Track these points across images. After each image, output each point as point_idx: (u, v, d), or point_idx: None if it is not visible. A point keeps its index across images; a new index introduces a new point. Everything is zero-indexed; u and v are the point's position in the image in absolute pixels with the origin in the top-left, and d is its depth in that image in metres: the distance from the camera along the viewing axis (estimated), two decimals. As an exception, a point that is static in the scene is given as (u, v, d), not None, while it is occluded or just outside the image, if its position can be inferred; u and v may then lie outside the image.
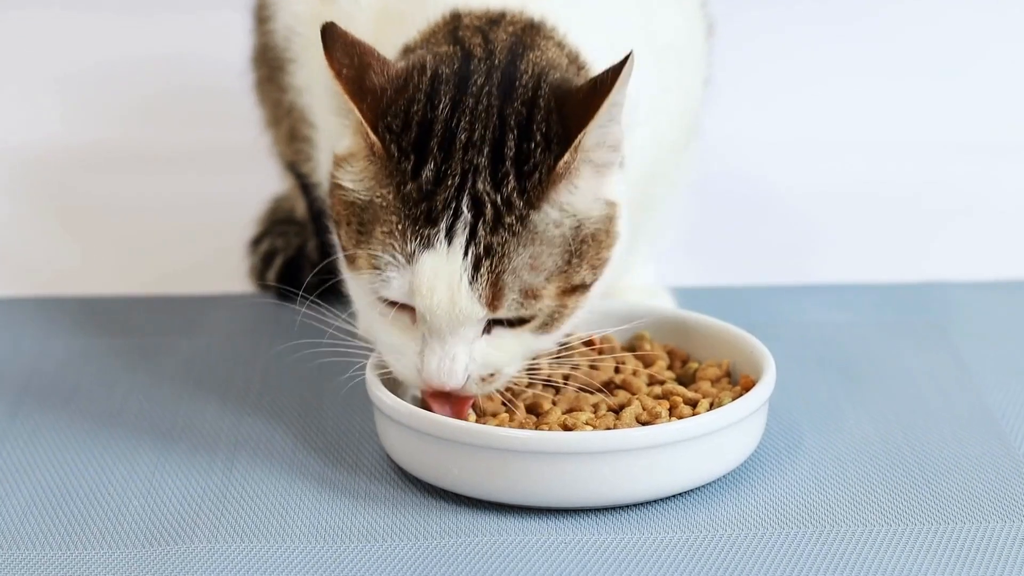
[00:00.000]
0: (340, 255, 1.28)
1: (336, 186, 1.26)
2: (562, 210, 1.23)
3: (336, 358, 1.40)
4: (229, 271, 1.71)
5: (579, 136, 1.21)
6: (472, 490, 1.28)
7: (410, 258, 1.22)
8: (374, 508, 1.28)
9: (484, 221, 1.21)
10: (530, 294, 1.23)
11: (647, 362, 1.40)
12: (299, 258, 1.67)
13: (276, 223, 1.74)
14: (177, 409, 1.44)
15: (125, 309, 1.65)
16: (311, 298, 1.65)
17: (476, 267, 1.21)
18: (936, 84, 2.13)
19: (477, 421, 1.29)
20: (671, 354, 1.42)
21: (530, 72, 1.26)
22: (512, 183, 1.22)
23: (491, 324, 1.25)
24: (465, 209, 1.21)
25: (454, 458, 1.27)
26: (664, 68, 1.36)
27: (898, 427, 1.40)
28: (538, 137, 1.23)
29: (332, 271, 1.66)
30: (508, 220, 1.22)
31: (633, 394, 1.35)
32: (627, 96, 1.21)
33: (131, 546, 1.24)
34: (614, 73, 1.20)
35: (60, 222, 1.88)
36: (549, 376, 1.37)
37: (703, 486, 1.30)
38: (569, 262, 1.24)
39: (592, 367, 1.38)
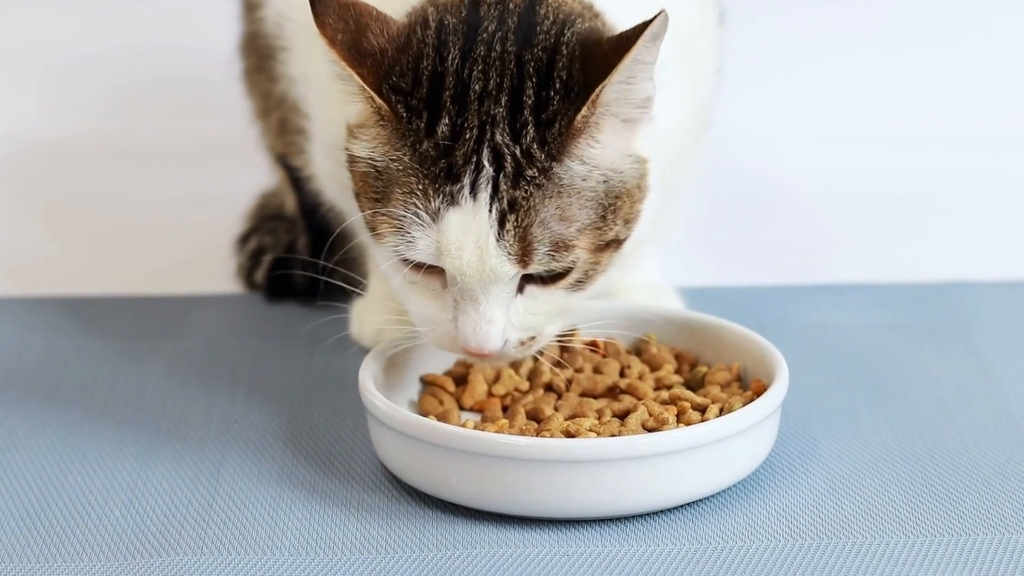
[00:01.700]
0: (366, 231, 1.28)
1: (351, 158, 1.26)
2: (586, 164, 1.23)
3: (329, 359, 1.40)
4: (215, 270, 1.71)
5: (597, 90, 1.21)
6: (470, 500, 1.27)
7: (435, 216, 1.22)
8: (367, 519, 1.28)
9: (505, 174, 1.21)
10: (561, 246, 1.23)
11: (654, 366, 1.40)
12: (289, 256, 1.67)
13: (265, 219, 1.74)
14: (161, 414, 1.44)
15: (106, 310, 1.65)
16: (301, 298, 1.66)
17: (502, 222, 1.22)
18: (957, 77, 2.13)
19: (476, 427, 1.29)
20: (679, 357, 1.42)
21: (552, 18, 1.26)
22: (532, 133, 1.22)
23: (524, 283, 1.25)
24: (486, 163, 1.21)
25: (451, 466, 1.26)
26: (676, 55, 1.36)
27: (917, 434, 1.40)
28: (557, 85, 1.23)
29: (323, 270, 1.67)
30: (530, 172, 1.22)
31: (639, 399, 1.34)
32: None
33: (112, 558, 1.24)
34: (642, 27, 1.20)
35: (38, 218, 1.88)
36: (552, 378, 1.37)
37: (712, 496, 1.30)
38: (603, 217, 1.24)
39: (596, 371, 1.38)
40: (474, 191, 1.22)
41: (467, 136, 1.22)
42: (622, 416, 1.32)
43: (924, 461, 1.35)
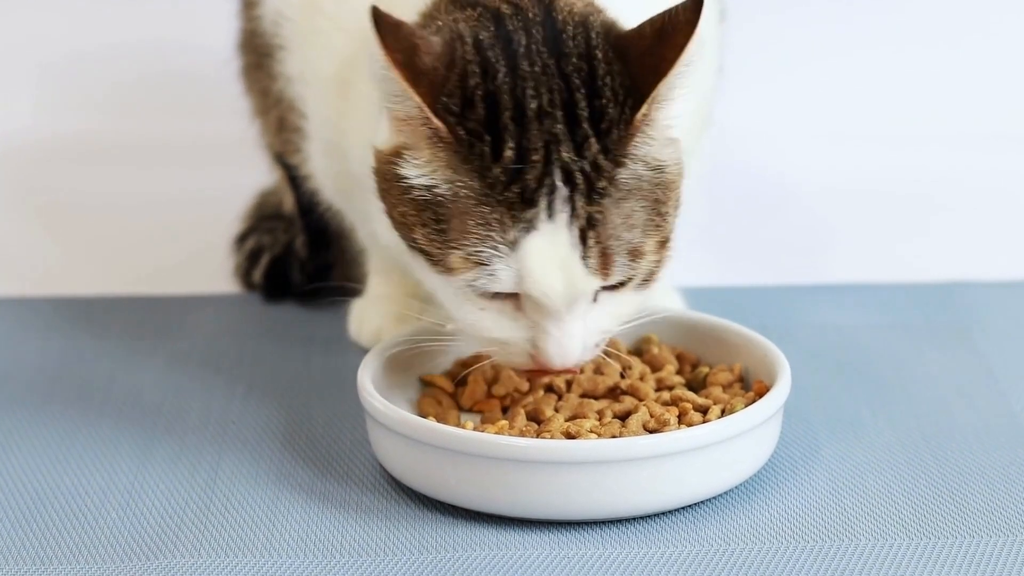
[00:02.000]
0: (417, 257, 1.26)
1: (395, 185, 1.24)
2: (643, 161, 1.24)
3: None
4: (213, 270, 1.71)
5: (657, 86, 1.22)
6: (470, 502, 1.27)
7: (513, 244, 1.21)
8: (366, 521, 1.28)
9: (579, 191, 1.21)
10: (635, 253, 1.23)
11: (655, 366, 1.40)
12: (287, 256, 1.67)
13: (263, 219, 1.74)
14: (158, 415, 1.44)
15: (103, 310, 1.64)
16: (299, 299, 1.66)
17: (583, 239, 1.21)
18: (960, 75, 2.13)
19: (476, 429, 1.29)
20: (680, 358, 1.42)
21: (571, 23, 1.25)
22: (595, 145, 1.22)
23: (597, 291, 1.25)
24: (559, 183, 1.21)
25: (451, 468, 1.26)
26: None
27: (920, 435, 1.40)
28: (607, 92, 1.23)
29: (321, 270, 1.67)
30: (601, 184, 1.22)
31: (640, 400, 1.34)
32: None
33: (109, 560, 1.24)
34: (690, 18, 1.21)
35: (33, 218, 1.88)
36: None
37: (714, 498, 1.30)
38: (659, 213, 1.24)
39: (597, 371, 1.38)
40: (551, 213, 1.21)
41: (534, 158, 1.21)
42: (623, 417, 1.32)
43: (927, 462, 1.35)
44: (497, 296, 1.24)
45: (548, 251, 1.21)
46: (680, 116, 1.26)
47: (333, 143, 1.42)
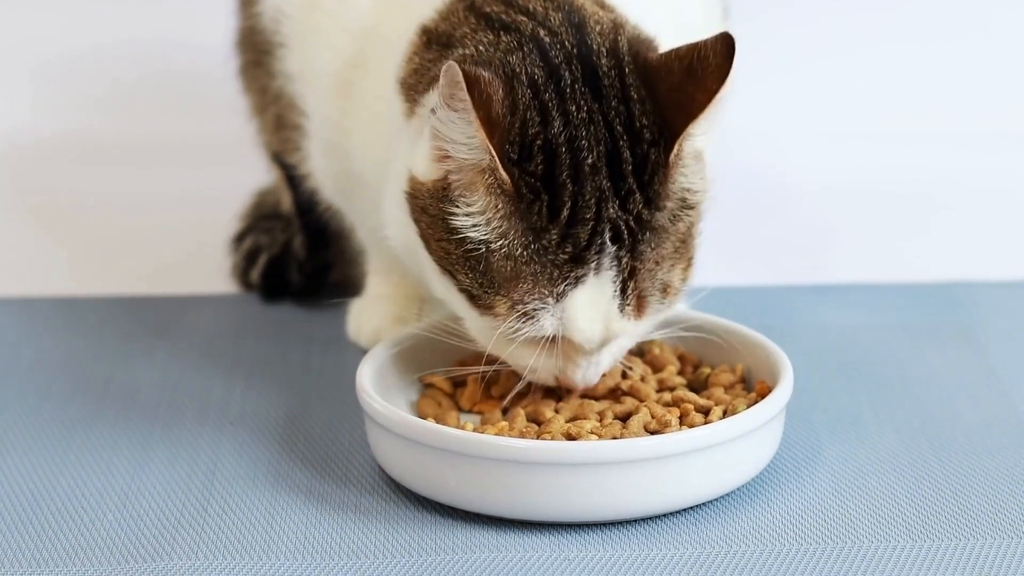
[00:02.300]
0: (455, 294, 1.27)
1: (439, 221, 1.24)
2: (678, 197, 1.25)
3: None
4: (210, 270, 1.71)
5: (687, 128, 1.23)
6: (469, 504, 1.27)
7: (559, 297, 1.24)
8: (365, 523, 1.28)
9: (624, 247, 1.24)
10: (667, 289, 1.27)
11: (656, 367, 1.40)
12: (285, 256, 1.67)
13: (260, 219, 1.73)
14: (155, 416, 1.44)
15: (99, 310, 1.64)
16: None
17: (624, 290, 1.25)
18: (964, 74, 2.13)
19: (476, 430, 1.29)
20: (681, 358, 1.42)
21: (604, 50, 1.25)
22: (639, 199, 1.24)
23: None
24: (608, 241, 1.23)
25: (450, 469, 1.26)
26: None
27: (923, 436, 1.39)
28: (646, 135, 1.24)
29: (320, 270, 1.66)
30: (642, 235, 1.24)
31: (641, 401, 1.34)
32: None
33: (105, 563, 1.24)
34: (721, 64, 1.21)
35: (29, 218, 1.88)
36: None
37: (716, 499, 1.29)
38: (685, 241, 1.27)
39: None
40: (598, 270, 1.23)
41: (587, 216, 1.23)
42: (624, 418, 1.32)
43: (931, 463, 1.35)
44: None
45: (593, 302, 1.24)
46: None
47: (334, 142, 1.42)
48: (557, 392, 1.37)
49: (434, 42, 1.29)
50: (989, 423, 1.41)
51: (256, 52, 1.54)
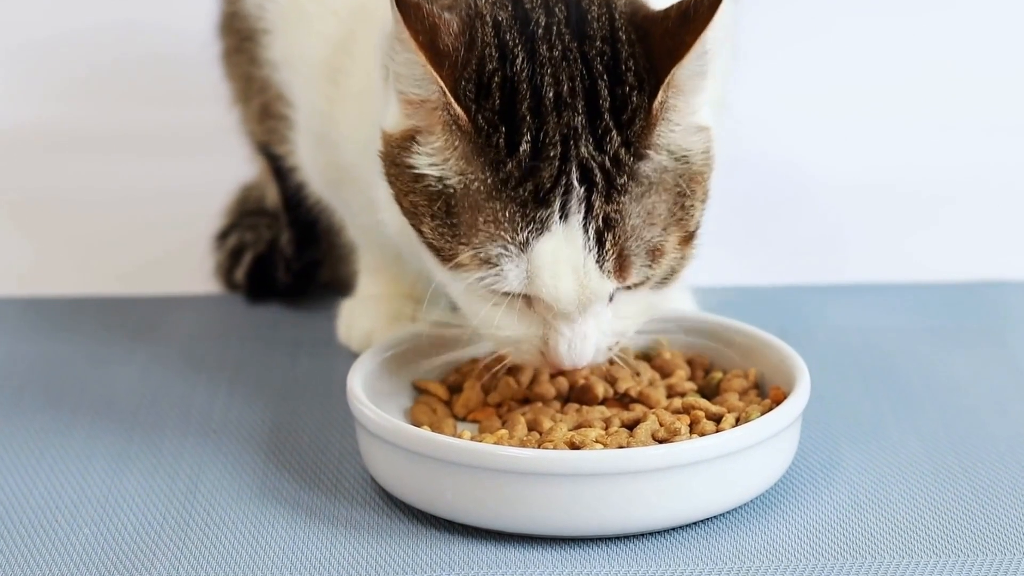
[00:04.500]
0: (426, 251, 1.27)
1: (405, 172, 1.25)
2: (667, 151, 1.25)
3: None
4: (192, 269, 1.71)
5: (672, 71, 1.22)
6: (467, 517, 1.28)
7: (524, 246, 1.22)
8: (356, 537, 1.28)
9: (598, 190, 1.22)
10: (656, 252, 1.24)
11: (665, 372, 1.40)
12: (271, 254, 1.68)
13: (245, 214, 1.74)
14: (134, 424, 1.44)
15: (74, 311, 1.65)
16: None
17: (599, 241, 1.22)
18: (990, 66, 2.13)
19: (473, 438, 1.30)
20: (691, 363, 1.42)
21: (598, 2, 1.26)
22: (616, 138, 1.23)
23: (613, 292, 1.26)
24: (575, 182, 1.22)
25: (447, 480, 1.27)
26: None
27: (948, 444, 1.40)
28: (630, 78, 1.24)
29: (308, 268, 1.67)
30: (620, 181, 1.22)
31: (649, 408, 1.35)
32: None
33: (82, 580, 1.25)
34: (712, 3, 1.21)
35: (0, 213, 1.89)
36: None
37: (728, 512, 1.30)
38: (683, 206, 1.25)
39: (605, 378, 1.38)
40: (565, 214, 1.22)
41: (551, 153, 1.22)
42: (631, 426, 1.33)
43: (955, 474, 1.36)
44: (508, 293, 1.25)
45: (560, 254, 1.22)
46: (706, 103, 1.27)
47: (322, 133, 1.43)
48: (559, 393, 1.37)
49: None
50: (1018, 431, 1.42)
51: (239, 38, 1.55)
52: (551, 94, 1.23)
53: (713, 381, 1.39)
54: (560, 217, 1.22)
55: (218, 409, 1.47)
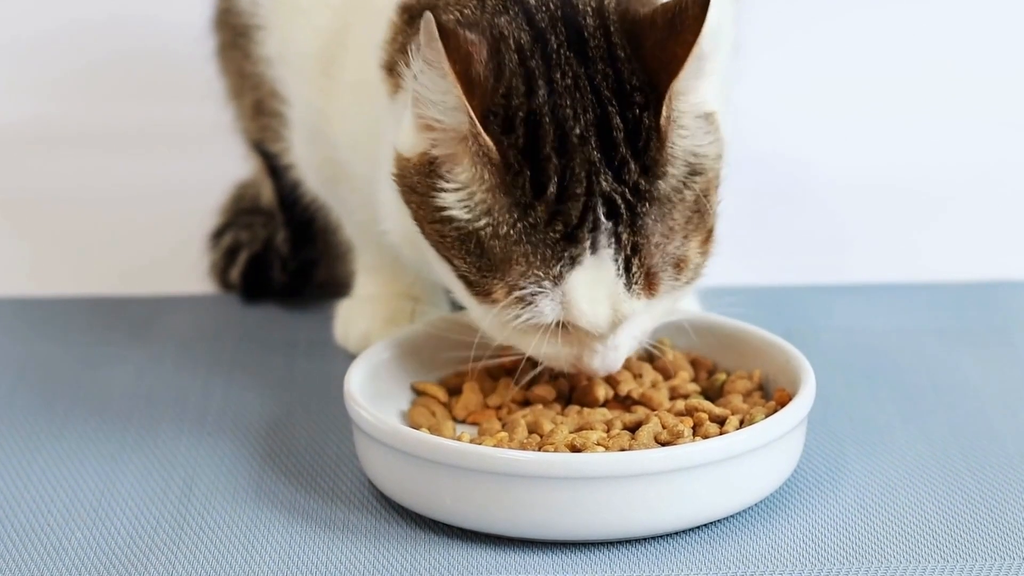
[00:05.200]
0: (456, 281, 1.28)
1: (428, 200, 1.26)
2: (681, 162, 1.26)
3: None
4: (186, 269, 1.72)
5: (671, 86, 1.23)
6: (466, 521, 1.28)
7: (557, 280, 1.25)
8: (353, 542, 1.28)
9: (623, 221, 1.24)
10: (680, 264, 1.27)
11: (668, 373, 1.40)
12: (267, 253, 1.68)
13: (240, 213, 1.74)
14: (127, 427, 1.44)
15: (66, 312, 1.65)
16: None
17: (628, 268, 1.25)
18: (998, 61, 2.13)
19: (473, 441, 1.30)
20: (695, 364, 1.42)
21: (591, 12, 1.27)
22: (633, 167, 1.24)
23: None
24: (603, 217, 1.24)
25: (446, 484, 1.27)
26: None
27: (956, 447, 1.40)
28: (637, 98, 1.25)
29: (304, 268, 1.67)
30: (642, 207, 1.24)
31: (652, 410, 1.35)
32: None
33: (74, 585, 1.25)
34: (697, 14, 1.22)
35: (-10, 212, 1.89)
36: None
37: (732, 516, 1.30)
38: (700, 210, 1.27)
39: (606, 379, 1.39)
40: (595, 248, 1.24)
41: (577, 191, 1.23)
42: (633, 428, 1.33)
43: (963, 476, 1.36)
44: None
45: (593, 283, 1.25)
46: (710, 87, 1.28)
47: (317, 128, 1.43)
48: (560, 395, 1.37)
49: (416, 17, 1.30)
50: (1028, 433, 1.42)
51: (233, 33, 1.55)
52: (576, 130, 1.24)
53: (717, 383, 1.39)
54: (591, 251, 1.24)
55: (213, 411, 1.47)
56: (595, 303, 1.25)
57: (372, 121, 1.35)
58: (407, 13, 1.31)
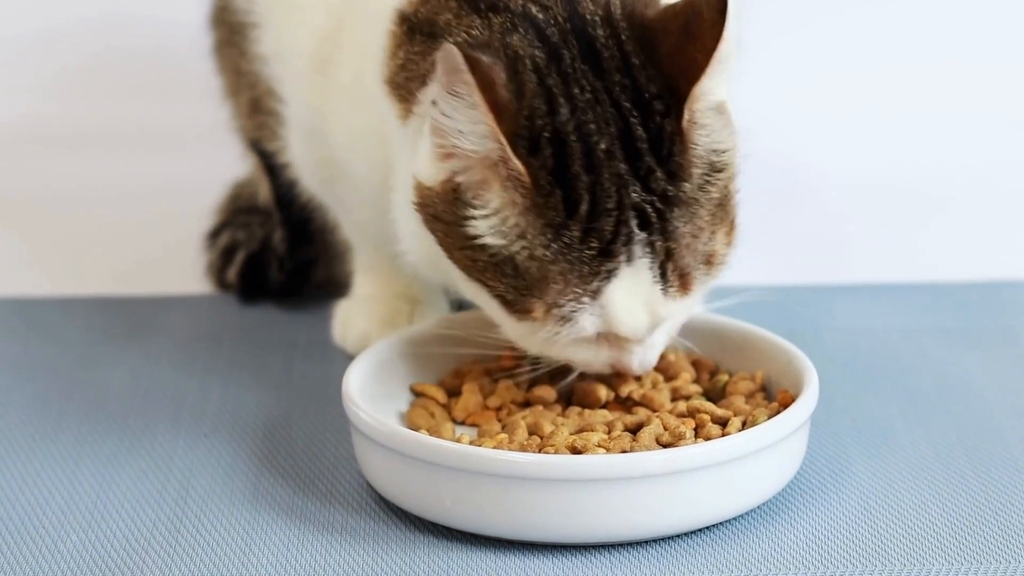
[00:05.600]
0: (489, 300, 1.29)
1: (456, 228, 1.26)
2: (703, 163, 1.27)
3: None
4: (182, 268, 1.72)
5: (692, 91, 1.24)
6: (466, 523, 1.28)
7: (595, 294, 1.26)
8: (351, 544, 1.28)
9: (655, 230, 1.25)
10: (710, 259, 1.28)
11: (669, 374, 1.40)
12: (264, 253, 1.68)
13: (237, 212, 1.74)
14: (123, 428, 1.44)
15: (62, 313, 1.65)
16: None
17: (664, 273, 1.26)
18: (1002, 59, 2.13)
19: (472, 443, 1.30)
20: (696, 365, 1.42)
21: (600, 22, 1.27)
22: (660, 175, 1.25)
23: None
24: (636, 228, 1.25)
25: (445, 486, 1.27)
26: None
27: (961, 448, 1.40)
28: (657, 105, 1.25)
29: (302, 268, 1.67)
30: (671, 213, 1.26)
31: (653, 411, 1.35)
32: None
33: (70, 588, 1.25)
34: (716, 19, 1.23)
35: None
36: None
37: (734, 519, 1.30)
38: (722, 203, 1.28)
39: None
40: (630, 259, 1.25)
41: (608, 206, 1.24)
42: (634, 430, 1.33)
43: (968, 478, 1.36)
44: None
45: (630, 293, 1.26)
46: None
47: (313, 127, 1.43)
48: (560, 397, 1.37)
49: (417, 31, 1.30)
50: (1033, 435, 1.42)
51: (230, 31, 1.55)
52: (603, 146, 1.24)
53: (719, 384, 1.39)
54: (627, 262, 1.25)
55: (210, 412, 1.47)
56: (633, 312, 1.26)
57: (371, 121, 1.35)
58: (406, 24, 1.31)
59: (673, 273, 1.26)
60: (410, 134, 1.29)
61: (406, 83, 1.30)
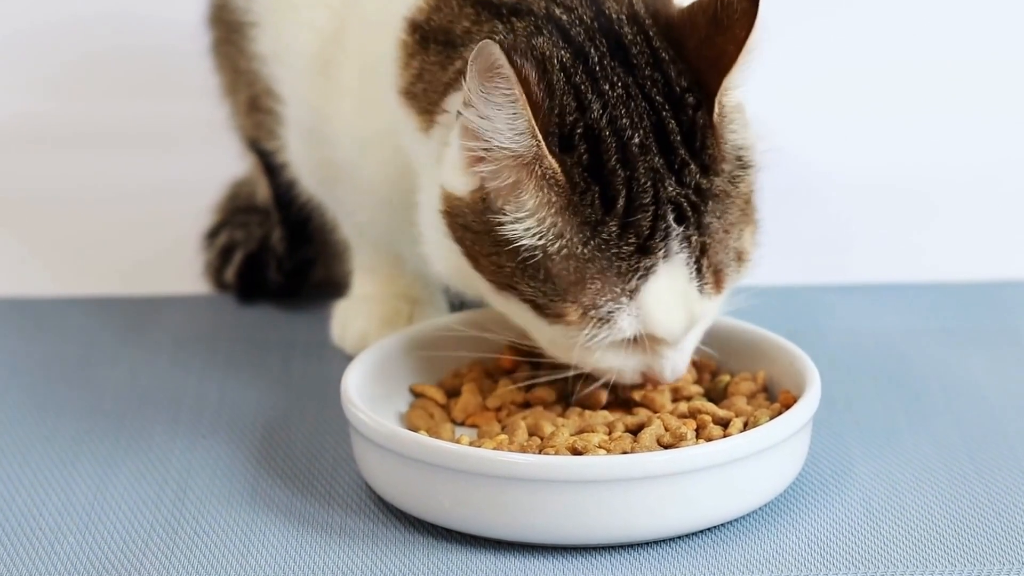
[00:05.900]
0: (519, 305, 1.28)
1: (486, 236, 1.26)
2: (732, 157, 1.28)
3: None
4: (180, 268, 1.72)
5: (723, 83, 1.25)
6: (465, 525, 1.28)
7: (633, 293, 1.26)
8: (350, 546, 1.29)
9: (690, 224, 1.26)
10: (741, 256, 1.29)
11: (670, 375, 1.41)
12: (262, 253, 1.68)
13: (236, 212, 1.74)
14: (120, 429, 1.44)
15: (59, 313, 1.65)
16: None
17: (699, 269, 1.27)
18: (1005, 60, 2.13)
19: (472, 444, 1.30)
20: (698, 365, 1.42)
21: (626, 20, 1.27)
22: (694, 168, 1.26)
23: None
24: (672, 223, 1.25)
25: (445, 487, 1.27)
26: None
27: (964, 449, 1.40)
28: (689, 99, 1.26)
29: (300, 267, 1.67)
30: (705, 207, 1.26)
31: (654, 412, 1.35)
32: None
33: (66, 590, 1.25)
34: (747, 8, 1.23)
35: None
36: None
37: (735, 521, 1.30)
38: (748, 200, 1.29)
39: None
40: (667, 254, 1.25)
41: (645, 201, 1.24)
42: (635, 431, 1.32)
43: (972, 480, 1.36)
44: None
45: (668, 290, 1.26)
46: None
47: (314, 128, 1.43)
48: (560, 397, 1.37)
49: (431, 40, 1.30)
50: (1037, 436, 1.42)
51: (228, 29, 1.55)
52: (636, 139, 1.24)
53: (720, 384, 1.39)
54: (664, 258, 1.25)
55: (208, 413, 1.47)
56: (671, 310, 1.27)
57: (380, 127, 1.35)
58: (418, 32, 1.31)
59: (708, 269, 1.27)
60: (434, 145, 1.29)
61: (424, 93, 1.30)
